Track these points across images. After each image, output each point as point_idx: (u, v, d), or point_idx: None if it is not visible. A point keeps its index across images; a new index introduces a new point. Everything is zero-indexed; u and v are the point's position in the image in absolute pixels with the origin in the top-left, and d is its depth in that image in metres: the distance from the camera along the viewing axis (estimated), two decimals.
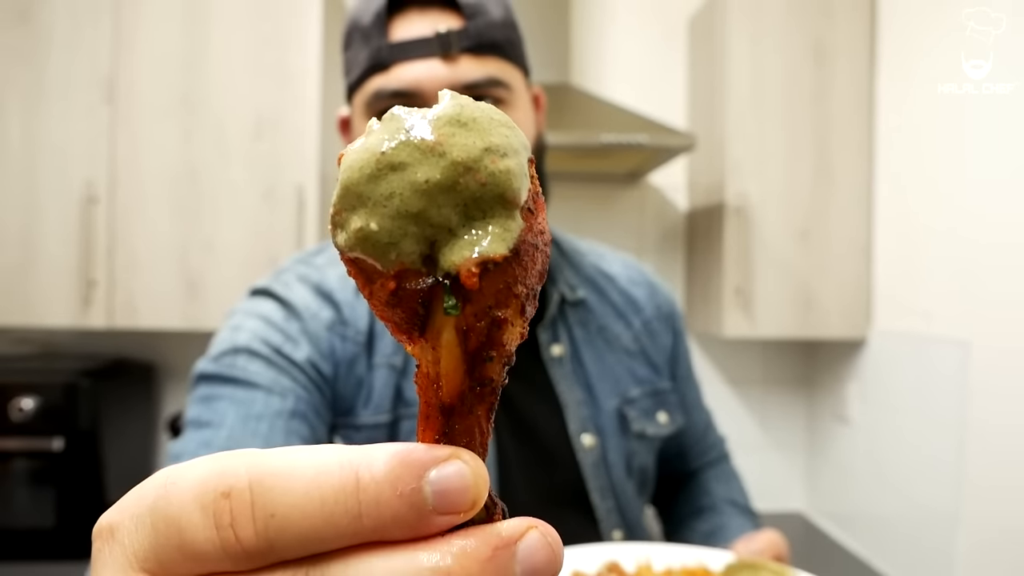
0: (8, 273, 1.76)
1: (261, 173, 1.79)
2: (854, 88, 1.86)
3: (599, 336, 0.84)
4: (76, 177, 1.76)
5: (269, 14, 1.78)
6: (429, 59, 0.69)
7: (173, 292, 1.77)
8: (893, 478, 1.74)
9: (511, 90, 0.73)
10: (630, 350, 0.85)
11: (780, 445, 2.21)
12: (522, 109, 0.75)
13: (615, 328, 0.85)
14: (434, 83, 0.69)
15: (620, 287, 0.89)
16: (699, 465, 0.97)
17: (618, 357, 0.84)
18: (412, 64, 0.69)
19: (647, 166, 1.98)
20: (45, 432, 1.70)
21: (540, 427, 0.79)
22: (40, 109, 1.76)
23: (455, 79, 0.69)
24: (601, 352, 0.83)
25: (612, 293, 0.88)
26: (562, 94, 1.89)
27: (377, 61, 0.70)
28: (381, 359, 0.74)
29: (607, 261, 0.92)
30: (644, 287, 0.90)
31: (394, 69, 0.70)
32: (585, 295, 0.86)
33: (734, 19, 1.85)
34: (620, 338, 0.85)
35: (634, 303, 0.88)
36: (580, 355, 0.82)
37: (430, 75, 0.69)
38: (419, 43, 0.69)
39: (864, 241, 1.86)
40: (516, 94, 0.74)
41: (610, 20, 2.19)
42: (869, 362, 1.86)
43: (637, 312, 0.87)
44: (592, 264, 0.90)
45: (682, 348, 0.92)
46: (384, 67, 0.70)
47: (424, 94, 0.69)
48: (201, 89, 1.78)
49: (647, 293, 0.90)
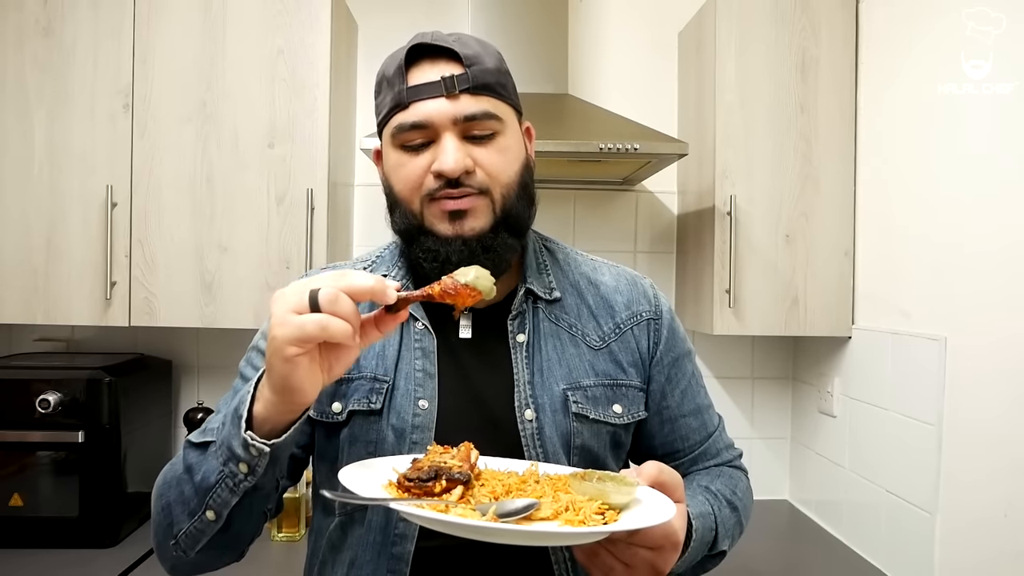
0: (33, 274, 1.83)
1: (274, 179, 1.87)
2: (837, 98, 1.93)
3: (567, 332, 0.96)
4: (98, 183, 1.83)
5: (282, 29, 1.86)
6: (438, 98, 0.86)
7: (190, 292, 1.85)
8: (874, 468, 1.79)
9: (503, 122, 0.89)
10: (595, 347, 0.96)
11: (767, 437, 2.29)
12: (512, 137, 0.91)
13: (586, 327, 0.97)
14: (441, 116, 0.86)
15: (602, 293, 1.00)
16: (696, 469, 1.02)
17: (580, 351, 0.96)
18: (425, 103, 0.86)
19: (641, 172, 2.05)
20: (68, 425, 1.76)
21: (490, 398, 0.92)
22: (63, 118, 1.83)
23: (457, 113, 0.86)
24: (564, 344, 0.95)
25: (591, 297, 1.00)
26: (560, 104, 1.96)
27: (398, 101, 0.87)
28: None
29: (600, 272, 1.04)
30: (626, 295, 1.01)
31: (411, 107, 0.87)
32: (562, 296, 0.98)
33: (723, 32, 1.92)
34: (588, 336, 0.97)
35: (611, 307, 0.99)
36: (540, 343, 0.94)
37: (438, 110, 0.86)
38: (429, 85, 0.86)
39: (847, 244, 1.93)
40: (507, 125, 0.90)
41: (605, 34, 2.27)
42: (851, 358, 1.93)
43: (611, 316, 0.99)
44: (582, 272, 1.03)
45: (668, 355, 1.00)
46: (404, 106, 0.87)
47: (434, 125, 0.86)
48: (217, 99, 1.85)
49: (627, 300, 1.00)
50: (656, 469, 0.76)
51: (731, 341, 2.27)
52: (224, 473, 0.75)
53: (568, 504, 0.71)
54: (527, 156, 0.95)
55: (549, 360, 0.94)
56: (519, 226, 0.91)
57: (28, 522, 1.77)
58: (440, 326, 0.94)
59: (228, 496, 0.76)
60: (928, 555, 1.55)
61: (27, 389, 1.76)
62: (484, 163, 0.87)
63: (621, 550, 0.72)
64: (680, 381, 1.01)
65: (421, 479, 0.72)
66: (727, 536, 0.93)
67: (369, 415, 0.91)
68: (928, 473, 1.56)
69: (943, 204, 1.58)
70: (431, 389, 0.91)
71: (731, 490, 0.99)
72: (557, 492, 0.74)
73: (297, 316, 0.67)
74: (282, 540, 1.85)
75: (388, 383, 0.91)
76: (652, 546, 0.72)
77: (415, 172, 0.88)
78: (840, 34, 1.93)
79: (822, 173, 1.93)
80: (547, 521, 0.69)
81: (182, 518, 0.79)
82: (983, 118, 1.48)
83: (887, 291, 1.79)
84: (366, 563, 0.89)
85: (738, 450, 1.08)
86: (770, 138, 1.92)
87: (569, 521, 0.69)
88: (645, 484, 0.75)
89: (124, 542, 1.82)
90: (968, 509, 1.48)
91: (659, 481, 0.75)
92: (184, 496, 0.79)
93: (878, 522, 1.77)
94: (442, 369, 0.92)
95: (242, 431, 0.72)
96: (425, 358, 0.93)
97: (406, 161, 0.88)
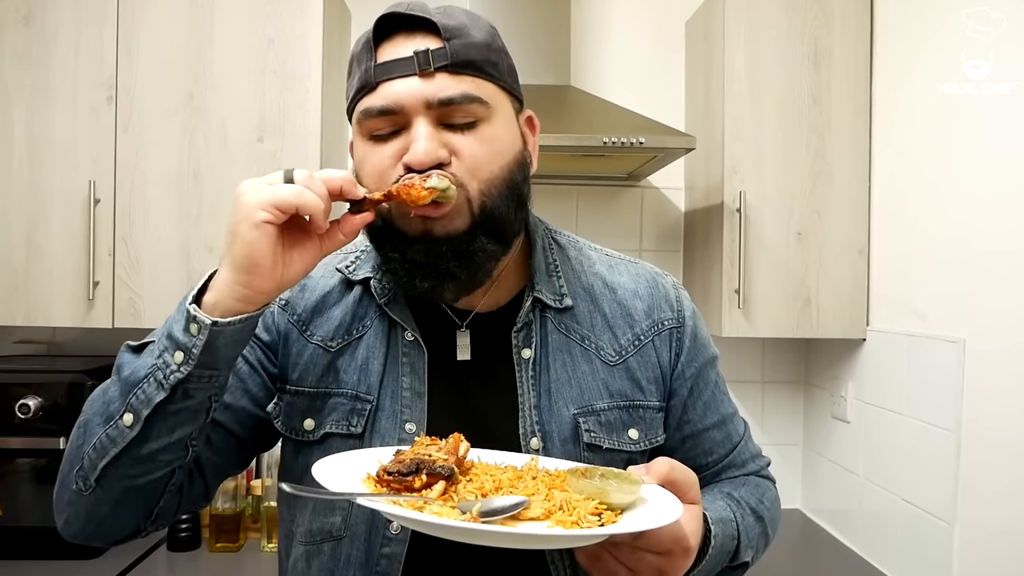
0: (12, 273, 1.78)
1: (263, 174, 1.78)
2: (851, 91, 1.88)
3: (579, 345, 0.85)
4: (80, 178, 1.78)
5: (271, 18, 1.80)
6: (409, 77, 0.74)
7: (176, 292, 1.76)
8: (890, 476, 1.76)
9: (488, 107, 0.76)
10: (611, 362, 0.85)
11: (778, 443, 2.24)
12: (502, 125, 0.78)
13: (600, 339, 0.86)
14: (412, 99, 0.73)
15: (619, 298, 0.89)
16: (720, 480, 0.94)
17: (593, 368, 0.84)
18: (394, 82, 0.74)
19: (647, 167, 2.00)
20: (49, 431, 1.72)
21: (493, 425, 0.81)
22: (44, 110, 1.78)
23: (432, 95, 0.73)
24: (575, 360, 0.84)
25: (606, 304, 0.88)
26: (562, 96, 1.92)
27: (365, 82, 0.76)
28: (317, 339, 0.86)
29: (617, 271, 0.92)
30: (646, 300, 0.89)
31: (379, 88, 0.75)
32: (574, 303, 0.87)
33: (732, 21, 1.87)
34: (602, 349, 0.86)
35: (629, 315, 0.88)
36: (549, 360, 0.84)
37: (409, 91, 0.73)
38: (399, 62, 0.74)
39: (861, 242, 1.89)
40: (495, 111, 0.77)
41: (609, 23, 2.22)
42: (866, 361, 1.89)
43: (630, 325, 0.88)
44: (597, 273, 0.91)
45: (690, 367, 0.90)
46: (371, 88, 0.75)
47: (404, 109, 0.74)
48: (204, 91, 1.80)
49: (647, 307, 0.89)
50: (667, 466, 0.68)
51: (740, 343, 2.21)
52: (156, 366, 0.69)
53: (562, 503, 0.65)
54: (522, 150, 0.81)
55: (558, 380, 0.84)
56: (502, 231, 0.78)
57: (8, 532, 1.73)
58: (433, 340, 0.84)
59: (154, 392, 0.68)
60: (946, 567, 1.53)
61: (6, 393, 1.72)
62: (462, 154, 0.74)
63: (625, 554, 0.66)
64: (703, 392, 0.91)
65: (401, 472, 0.66)
66: (750, 546, 0.84)
67: (348, 439, 0.81)
68: (946, 481, 1.53)
69: (961, 201, 1.55)
70: (419, 411, 0.81)
71: (757, 499, 0.91)
72: (552, 490, 0.67)
73: (270, 185, 0.67)
74: (272, 551, 1.79)
75: (371, 403, 0.82)
76: (659, 550, 0.66)
77: (381, 163, 0.75)
78: (854, 23, 1.88)
79: (835, 168, 1.88)
80: (536, 521, 0.63)
81: (96, 429, 0.71)
82: (1002, 114, 1.44)
83: (903, 291, 1.76)
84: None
85: (766, 459, 0.99)
86: (781, 131, 1.88)
87: (561, 522, 0.62)
88: (654, 482, 0.68)
89: (107, 553, 1.77)
90: (988, 519, 1.45)
91: (670, 479, 0.68)
92: (106, 399, 0.72)
93: (894, 532, 1.73)
94: (434, 388, 0.82)
95: (187, 304, 0.68)
96: (414, 375, 0.83)
97: (373, 152, 0.76)
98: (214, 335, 0.67)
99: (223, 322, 0.67)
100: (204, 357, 0.68)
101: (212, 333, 0.67)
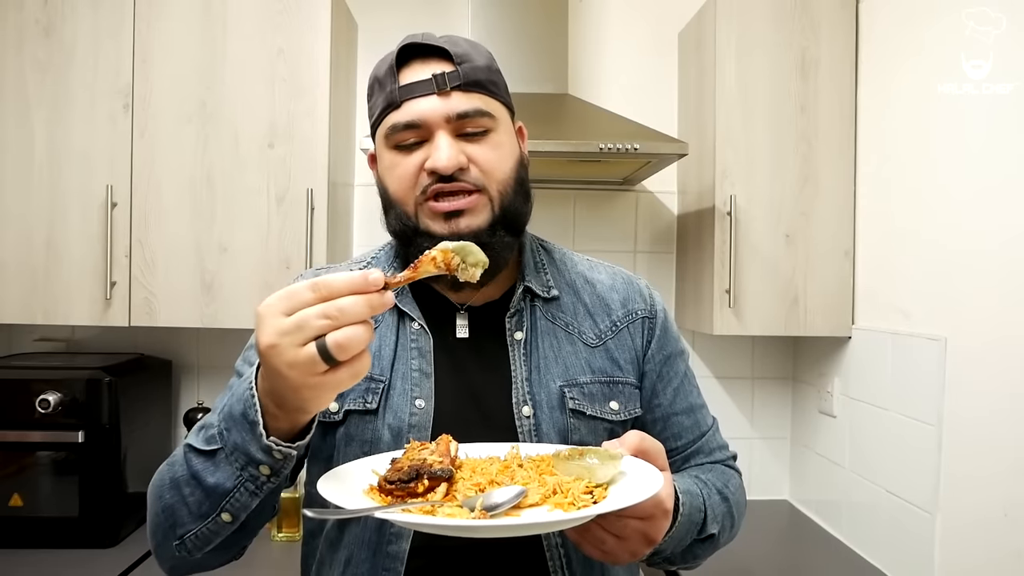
0: (33, 274, 1.83)
1: (274, 179, 1.87)
2: (837, 99, 1.93)
3: (564, 330, 0.97)
4: (98, 183, 1.83)
5: (281, 29, 1.86)
6: (429, 96, 0.86)
7: (190, 292, 1.85)
8: (874, 468, 1.79)
9: (495, 119, 0.90)
10: (592, 344, 0.97)
11: (767, 437, 2.29)
12: (506, 134, 0.92)
13: (582, 325, 0.98)
14: (434, 114, 0.86)
15: (598, 291, 1.02)
16: (689, 467, 1.02)
17: (576, 348, 0.96)
18: (417, 101, 0.86)
19: (641, 172, 2.05)
20: (68, 425, 1.76)
21: (487, 396, 0.92)
22: (63, 118, 1.84)
23: (450, 110, 0.86)
24: (560, 342, 0.96)
25: (587, 296, 1.01)
26: (560, 104, 1.96)
27: (391, 101, 0.88)
28: None
29: (596, 271, 1.05)
30: (622, 293, 1.02)
31: (404, 106, 0.87)
32: (559, 295, 0.99)
33: (723, 32, 1.92)
34: (584, 334, 0.98)
35: (607, 306, 1.00)
36: (538, 342, 0.95)
37: (431, 108, 0.86)
38: (420, 83, 0.87)
39: (847, 243, 1.93)
40: (500, 122, 0.91)
41: (605, 34, 2.27)
42: (851, 358, 1.93)
43: (608, 314, 1.00)
44: (579, 272, 1.04)
45: (660, 353, 1.01)
46: (396, 106, 0.88)
47: (427, 123, 0.86)
48: (217, 99, 1.85)
49: (623, 298, 1.02)
50: (638, 437, 0.76)
51: (731, 341, 2.27)
52: (243, 478, 0.74)
53: (555, 487, 0.70)
54: (521, 153, 0.96)
55: (546, 358, 0.95)
56: (517, 223, 0.92)
57: (28, 522, 1.77)
58: (437, 326, 0.95)
59: (248, 499, 0.75)
60: (928, 555, 1.55)
61: (27, 389, 1.76)
62: (479, 160, 0.87)
63: (612, 523, 0.73)
64: (672, 379, 1.01)
65: (403, 480, 0.70)
66: (716, 520, 0.91)
67: (365, 414, 0.91)
68: (928, 473, 1.56)
69: (943, 204, 1.58)
70: (428, 388, 0.92)
71: (723, 483, 0.98)
72: (543, 475, 0.73)
73: (320, 376, 0.63)
74: (282, 540, 1.85)
75: (384, 383, 0.92)
76: (643, 516, 0.73)
77: (408, 171, 0.88)
78: (840, 34, 1.93)
79: (822, 173, 1.93)
80: (536, 507, 0.68)
81: (188, 521, 0.78)
82: (983, 118, 1.48)
83: (887, 291, 1.79)
84: (362, 561, 0.89)
85: (732, 452, 1.07)
86: (770, 138, 1.93)
87: (559, 505, 0.68)
88: (628, 454, 0.75)
89: (124, 542, 1.82)
90: (968, 509, 1.48)
91: (642, 448, 0.76)
92: (192, 501, 0.77)
93: (878, 522, 1.76)
94: (439, 368, 0.93)
95: (262, 438, 0.70)
96: (421, 358, 0.93)
97: (400, 161, 0.89)
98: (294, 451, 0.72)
99: (303, 442, 0.72)
100: (289, 462, 0.74)
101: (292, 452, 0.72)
